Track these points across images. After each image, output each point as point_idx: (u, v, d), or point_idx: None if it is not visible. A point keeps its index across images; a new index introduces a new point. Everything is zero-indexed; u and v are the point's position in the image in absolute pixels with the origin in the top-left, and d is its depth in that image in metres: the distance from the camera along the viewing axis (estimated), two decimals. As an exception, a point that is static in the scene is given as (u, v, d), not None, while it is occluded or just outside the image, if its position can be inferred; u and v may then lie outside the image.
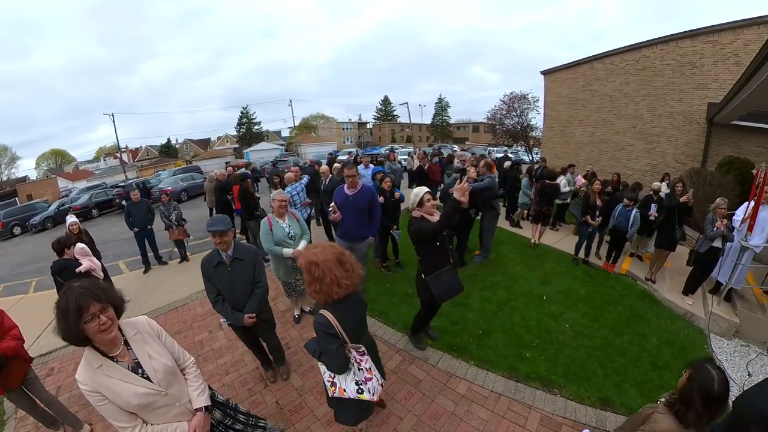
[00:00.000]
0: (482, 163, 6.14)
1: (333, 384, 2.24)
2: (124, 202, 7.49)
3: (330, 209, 4.42)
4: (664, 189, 7.12)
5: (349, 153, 26.14)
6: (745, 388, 3.68)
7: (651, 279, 5.87)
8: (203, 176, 20.46)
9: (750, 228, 4.81)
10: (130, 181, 22.36)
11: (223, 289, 2.95)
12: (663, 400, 1.99)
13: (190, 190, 18.20)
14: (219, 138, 58.23)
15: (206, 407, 1.97)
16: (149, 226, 7.09)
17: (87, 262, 4.36)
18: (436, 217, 3.24)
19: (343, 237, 4.54)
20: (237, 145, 54.30)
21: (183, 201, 16.91)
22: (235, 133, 56.90)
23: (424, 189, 3.32)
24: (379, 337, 4.25)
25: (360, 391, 2.18)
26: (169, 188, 16.61)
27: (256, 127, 56.77)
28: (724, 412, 1.82)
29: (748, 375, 3.96)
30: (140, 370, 1.75)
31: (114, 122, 34.35)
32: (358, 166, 9.21)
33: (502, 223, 8.05)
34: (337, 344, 2.04)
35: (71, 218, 5.63)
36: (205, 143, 57.87)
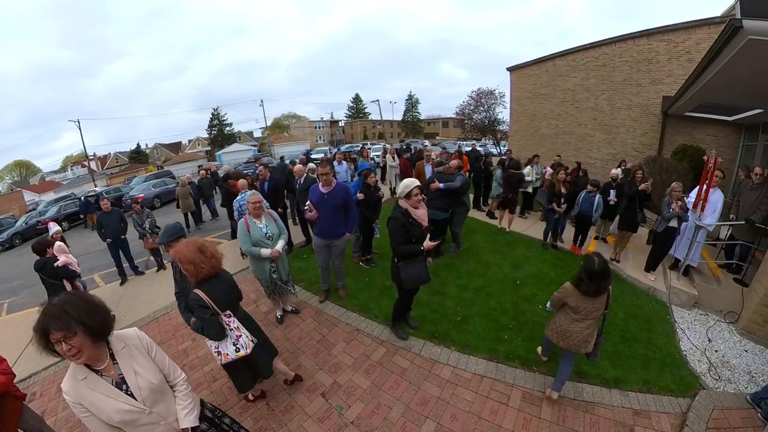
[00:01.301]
0: (455, 163, 6.24)
1: (219, 353, 2.63)
2: (82, 215, 6.95)
3: (306, 208, 4.38)
4: (618, 172, 7.41)
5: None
6: (708, 355, 3.94)
7: (615, 259, 6.15)
8: (176, 181, 19.74)
9: (701, 208, 5.12)
10: (90, 193, 21.03)
11: (181, 289, 3.07)
12: None
13: (163, 196, 17.39)
14: (190, 141, 56.12)
15: (193, 428, 1.88)
16: (123, 236, 6.73)
17: (63, 257, 4.77)
18: (420, 211, 3.33)
19: (320, 235, 4.51)
20: (209, 148, 52.41)
21: (156, 207, 16.23)
22: (207, 136, 54.79)
23: (416, 182, 3.35)
24: (361, 331, 4.27)
25: (237, 349, 2.62)
26: (141, 195, 15.90)
27: (228, 128, 54.81)
28: (602, 286, 2.74)
29: (708, 341, 4.21)
30: (125, 386, 1.68)
31: (80, 129, 32.38)
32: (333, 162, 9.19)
33: (472, 212, 8.20)
34: (209, 313, 2.49)
35: (55, 227, 5.80)
36: (176, 147, 55.69)
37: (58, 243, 5.02)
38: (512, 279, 5.43)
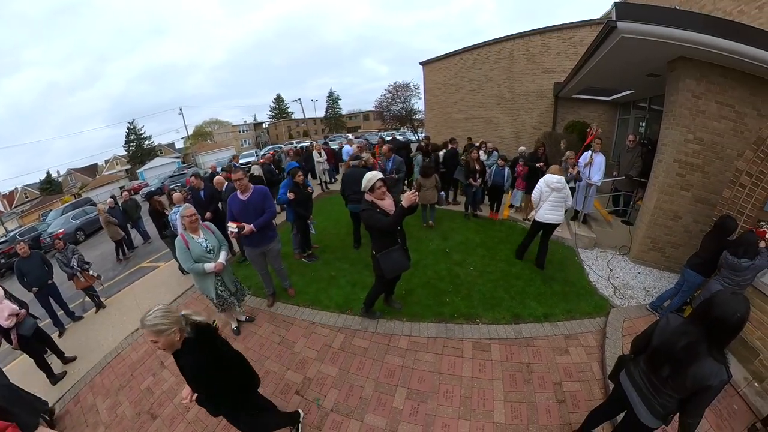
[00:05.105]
0: (386, 148, 6.40)
1: None
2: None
3: (233, 231, 3.82)
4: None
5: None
6: (612, 282, 4.52)
7: (527, 219, 6.71)
8: (97, 209, 17.15)
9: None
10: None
11: None
12: None
13: (86, 227, 14.73)
14: (107, 161, 47.04)
15: None
16: (49, 281, 5.37)
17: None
18: (386, 202, 3.24)
19: (251, 245, 4.11)
20: (129, 166, 45.28)
21: (81, 241, 13.72)
22: (125, 153, 46.88)
23: (378, 175, 3.21)
24: (317, 323, 4.15)
25: None
26: (62, 230, 13.36)
27: (146, 142, 47.61)
28: (429, 173, 5.87)
29: (610, 270, 4.92)
30: None
31: (-25, 164, 26.16)
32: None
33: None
34: None
35: None
36: (92, 170, 46.47)
37: None
38: (443, 249, 5.66)
